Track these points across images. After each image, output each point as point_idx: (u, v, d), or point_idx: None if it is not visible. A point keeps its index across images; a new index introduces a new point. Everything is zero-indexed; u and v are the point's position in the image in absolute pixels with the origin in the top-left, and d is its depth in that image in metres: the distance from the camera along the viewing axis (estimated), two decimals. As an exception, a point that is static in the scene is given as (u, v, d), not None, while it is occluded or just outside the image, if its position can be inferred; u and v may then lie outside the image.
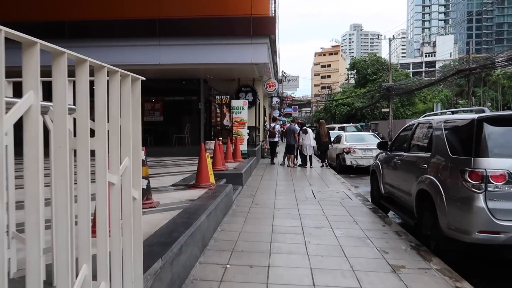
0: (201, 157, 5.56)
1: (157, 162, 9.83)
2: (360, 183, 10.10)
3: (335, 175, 10.52)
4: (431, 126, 4.54)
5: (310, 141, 11.90)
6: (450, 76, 23.85)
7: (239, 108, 11.17)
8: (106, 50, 11.20)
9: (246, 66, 11.68)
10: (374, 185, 6.69)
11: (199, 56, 11.20)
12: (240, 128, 11.14)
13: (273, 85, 14.72)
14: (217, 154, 7.81)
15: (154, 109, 14.71)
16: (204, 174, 5.57)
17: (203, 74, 13.77)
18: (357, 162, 11.87)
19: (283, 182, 8.74)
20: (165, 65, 11.43)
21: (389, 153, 5.95)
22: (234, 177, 7.67)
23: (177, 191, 5.38)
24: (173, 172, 7.69)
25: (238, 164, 9.41)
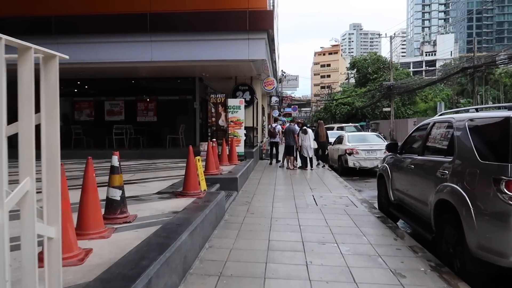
0: (188, 162, 4.95)
1: (148, 165, 9.22)
2: (364, 187, 9.50)
3: (337, 177, 9.91)
4: (451, 125, 3.93)
5: (310, 142, 11.29)
6: (455, 73, 23.27)
7: (235, 107, 10.56)
8: (94, 47, 10.60)
9: (243, 63, 11.08)
10: (381, 191, 6.08)
11: (193, 53, 10.60)
12: (237, 129, 10.53)
13: (272, 83, 14.12)
14: (210, 157, 7.20)
15: (147, 109, 14.11)
16: (192, 180, 4.96)
17: (198, 72, 13.18)
18: (360, 163, 11.26)
19: (282, 187, 8.13)
20: (157, 63, 10.82)
21: (400, 156, 5.34)
22: (229, 182, 7.06)
23: (161, 200, 4.77)
24: (162, 177, 7.08)
25: (234, 167, 8.80)
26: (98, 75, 13.30)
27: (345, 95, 54.24)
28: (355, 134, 13.01)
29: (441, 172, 3.77)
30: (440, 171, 3.79)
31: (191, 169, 4.94)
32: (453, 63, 58.52)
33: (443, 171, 3.75)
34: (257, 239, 4.23)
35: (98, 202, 3.11)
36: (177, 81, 14.05)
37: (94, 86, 14.41)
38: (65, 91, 14.55)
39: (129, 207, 4.16)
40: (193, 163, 4.97)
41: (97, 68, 11.48)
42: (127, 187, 5.93)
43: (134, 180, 6.66)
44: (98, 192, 3.12)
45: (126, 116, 14.11)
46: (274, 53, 15.96)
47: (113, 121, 13.82)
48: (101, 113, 14.14)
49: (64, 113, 14.84)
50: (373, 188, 9.16)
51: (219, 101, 10.22)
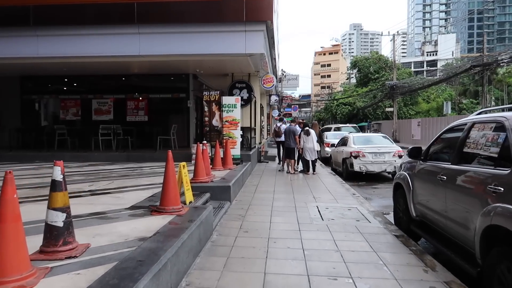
0: (166, 171, 4.04)
1: (132, 170, 8.29)
2: (372, 194, 8.57)
3: (343, 183, 8.99)
4: (503, 126, 3.02)
5: (314, 144, 10.37)
6: (463, 72, 22.38)
7: (230, 106, 9.63)
8: (77, 39, 9.68)
9: (240, 57, 10.17)
10: (399, 204, 5.15)
11: (185, 46, 9.68)
12: (232, 129, 9.61)
13: (271, 80, 13.20)
14: (199, 162, 6.28)
15: (138, 108, 13.19)
16: (170, 194, 4.04)
17: (192, 68, 12.27)
18: (366, 167, 10.34)
19: (281, 195, 7.21)
20: (146, 57, 9.90)
21: (425, 163, 4.42)
22: (220, 191, 6.15)
23: (131, 218, 3.84)
24: (144, 185, 6.15)
25: (228, 172, 7.88)
26: (85, 72, 12.40)
27: (346, 95, 53.36)
28: (361, 135, 12.09)
29: (493, 188, 2.85)
30: (491, 186, 2.87)
31: (169, 180, 4.01)
32: (455, 63, 57.66)
33: (495, 188, 2.83)
34: (249, 272, 3.31)
35: (21, 235, 2.19)
36: (169, 78, 13.16)
37: (81, 83, 13.49)
38: (49, 89, 13.68)
39: (86, 230, 3.24)
40: (172, 172, 4.05)
41: (81, 63, 10.56)
42: (99, 198, 5.06)
43: (110, 189, 5.73)
44: (20, 221, 2.19)
45: (115, 115, 13.20)
46: (274, 50, 15.02)
47: (101, 120, 12.91)
48: (88, 112, 13.23)
49: (49, 112, 13.95)
50: (383, 196, 8.26)
51: (213, 99, 9.30)
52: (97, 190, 5.61)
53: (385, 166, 10.35)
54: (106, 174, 7.56)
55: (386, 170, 10.42)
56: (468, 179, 3.33)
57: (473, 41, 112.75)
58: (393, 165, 10.36)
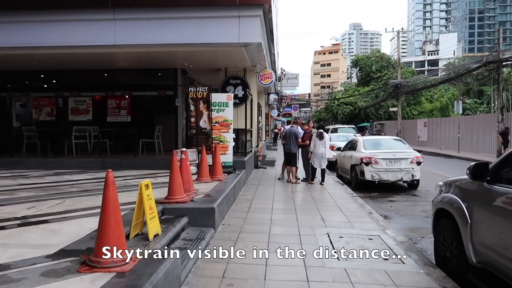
0: (104, 202, 2.61)
1: (100, 182, 6.83)
2: (390, 210, 7.14)
3: (354, 197, 7.56)
4: None
5: (326, 150, 8.94)
6: (476, 68, 20.95)
7: (221, 104, 8.20)
8: (40, 27, 8.23)
9: (233, 48, 8.74)
10: (445, 240, 3.71)
11: (168, 35, 8.23)
12: (223, 132, 8.17)
13: (270, 76, 11.77)
14: (174, 175, 4.85)
15: (119, 107, 11.73)
16: (109, 237, 2.60)
17: (180, 62, 10.81)
18: (380, 176, 8.92)
19: (281, 215, 5.77)
20: (123, 47, 8.45)
21: (495, 186, 2.99)
22: (202, 214, 4.72)
23: (41, 284, 2.39)
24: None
25: (216, 185, 6.45)
26: (59, 66, 10.91)
27: (347, 94, 51.99)
28: (372, 138, 10.65)
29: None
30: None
31: (107, 217, 2.58)
32: (458, 63, 56.34)
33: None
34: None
35: None
36: (155, 73, 11.69)
37: (55, 79, 12.04)
38: (20, 86, 12.21)
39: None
40: (111, 204, 2.62)
41: (50, 55, 9.10)
42: (24, 232, 3.30)
43: (53, 214, 4.29)
44: None
45: (95, 115, 11.74)
46: (272, 43, 13.56)
47: (79, 121, 11.47)
48: (64, 112, 11.77)
49: (20, 112, 12.49)
50: (403, 213, 6.84)
51: (200, 96, 7.87)
52: (34, 216, 4.17)
53: (401, 174, 8.93)
54: (63, 189, 6.11)
55: (402, 179, 9.00)
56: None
57: (473, 41, 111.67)
58: (411, 173, 8.94)
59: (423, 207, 7.33)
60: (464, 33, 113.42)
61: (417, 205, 7.54)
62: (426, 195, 8.74)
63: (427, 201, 7.94)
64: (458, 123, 21.02)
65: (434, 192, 9.46)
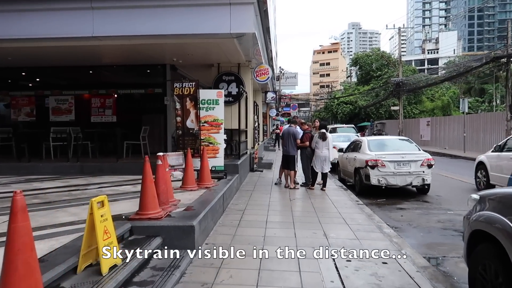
0: (9, 238, 1.76)
1: (72, 191, 5.98)
2: (401, 220, 6.29)
3: (360, 205, 6.72)
4: None
5: (329, 152, 8.10)
6: (484, 64, 20.09)
7: (210, 102, 7.35)
8: (7, 17, 7.37)
9: (225, 41, 7.89)
10: (486, 272, 2.84)
11: (152, 25, 7.37)
12: (213, 133, 7.32)
13: (266, 72, 10.93)
14: (146, 186, 4.01)
15: (104, 107, 10.88)
16: None
17: (168, 57, 9.95)
18: (387, 180, 8.08)
19: (277, 231, 4.91)
20: (102, 39, 7.59)
21: None
22: (179, 233, 3.87)
23: None
24: (58, 225, 3.87)
25: (203, 194, 5.61)
26: (38, 62, 10.02)
27: (347, 93, 51.16)
28: (378, 139, 9.79)
29: None
30: None
31: (10, 261, 1.74)
32: (458, 61, 55.58)
33: None
34: None
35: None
36: (142, 70, 10.82)
37: (35, 77, 11.17)
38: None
39: None
40: (18, 241, 1.77)
41: (24, 49, 8.26)
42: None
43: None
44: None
45: (78, 115, 10.89)
46: (269, 38, 12.71)
47: (61, 121, 10.63)
48: (45, 112, 10.92)
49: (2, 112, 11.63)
50: (416, 223, 6.00)
51: (187, 93, 7.02)
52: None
53: (411, 178, 8.09)
54: (38, 197, 5.25)
55: (411, 184, 8.16)
56: None
57: (473, 40, 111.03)
58: (421, 177, 8.10)
59: (437, 216, 6.49)
60: (463, 32, 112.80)
61: (431, 214, 6.70)
62: (439, 201, 7.90)
63: (441, 209, 7.12)
64: (463, 122, 20.18)
65: (446, 197, 8.70)
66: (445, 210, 6.98)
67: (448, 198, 8.24)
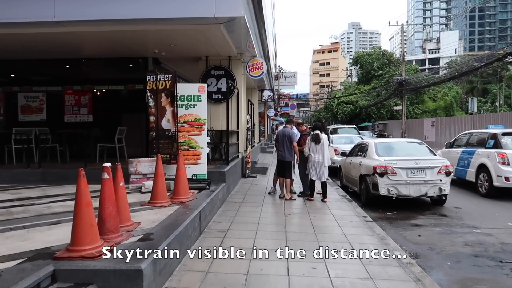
0: None
1: (15, 207, 4.83)
2: (420, 242, 5.14)
3: (369, 224, 5.56)
4: None
5: (324, 157, 6.97)
6: (492, 62, 19.02)
7: (190, 98, 6.20)
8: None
9: (210, 28, 6.75)
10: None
11: (122, 8, 6.24)
12: (194, 135, 6.19)
13: (260, 67, 9.78)
14: (80, 212, 2.89)
15: (79, 105, 9.74)
16: None
17: (150, 49, 8.81)
18: (398, 190, 6.93)
19: (264, 266, 3.73)
20: (66, 24, 6.44)
21: None
22: (120, 281, 2.72)
23: None
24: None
25: (173, 213, 4.46)
26: (5, 55, 8.87)
27: (347, 92, 50.06)
28: (386, 142, 8.63)
29: None
30: None
31: None
32: (460, 60, 54.56)
33: None
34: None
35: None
36: (121, 63, 9.63)
37: (3, 71, 10.02)
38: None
39: None
40: None
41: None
42: None
43: None
44: None
45: (49, 114, 9.77)
46: (264, 32, 11.52)
47: (31, 121, 9.51)
48: (14, 110, 9.78)
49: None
50: (439, 248, 4.82)
51: (162, 87, 5.88)
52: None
53: (426, 188, 6.95)
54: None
55: (427, 194, 7.02)
56: None
57: (474, 40, 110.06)
58: (438, 187, 6.96)
59: (462, 237, 5.36)
60: (464, 32, 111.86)
61: (454, 233, 5.57)
62: (459, 215, 6.77)
63: (464, 226, 5.98)
64: (472, 123, 19.06)
65: (467, 209, 7.46)
66: (470, 228, 5.84)
67: (469, 210, 7.10)
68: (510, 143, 8.28)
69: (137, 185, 5.98)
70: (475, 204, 7.71)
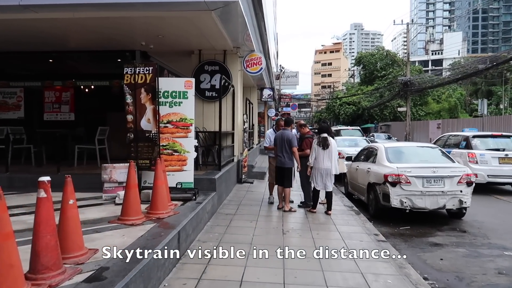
0: None
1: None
2: (443, 269, 4.29)
3: (382, 244, 4.72)
4: None
5: (333, 164, 6.13)
6: (503, 63, 18.17)
7: (175, 95, 5.37)
8: None
9: (200, 15, 5.92)
10: None
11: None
12: (179, 137, 5.36)
13: (258, 62, 8.95)
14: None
15: (60, 102, 8.91)
16: None
17: (138, 41, 7.97)
18: (413, 202, 6.09)
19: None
20: (37, 9, 5.63)
21: None
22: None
23: None
24: None
25: (145, 234, 3.63)
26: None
27: (349, 93, 49.16)
28: (398, 146, 7.75)
29: None
30: None
31: None
32: (463, 62, 53.65)
33: None
34: None
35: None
36: (107, 57, 8.80)
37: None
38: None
39: None
40: None
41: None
42: None
43: None
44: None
45: (27, 111, 8.94)
46: (264, 27, 10.64)
47: (8, 119, 8.68)
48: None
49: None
50: (469, 278, 3.93)
51: (141, 81, 5.05)
52: None
53: (444, 200, 6.10)
54: None
55: (445, 207, 6.17)
56: None
57: (477, 41, 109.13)
58: (458, 199, 6.11)
59: (493, 261, 4.51)
60: (467, 33, 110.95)
61: (482, 256, 4.72)
62: (482, 231, 5.92)
63: (491, 246, 5.13)
64: (482, 125, 18.19)
65: (490, 224, 6.46)
66: (499, 249, 4.99)
67: (493, 226, 6.25)
68: (479, 144, 9.60)
69: (112, 194, 5.16)
70: (494, 216, 6.85)
